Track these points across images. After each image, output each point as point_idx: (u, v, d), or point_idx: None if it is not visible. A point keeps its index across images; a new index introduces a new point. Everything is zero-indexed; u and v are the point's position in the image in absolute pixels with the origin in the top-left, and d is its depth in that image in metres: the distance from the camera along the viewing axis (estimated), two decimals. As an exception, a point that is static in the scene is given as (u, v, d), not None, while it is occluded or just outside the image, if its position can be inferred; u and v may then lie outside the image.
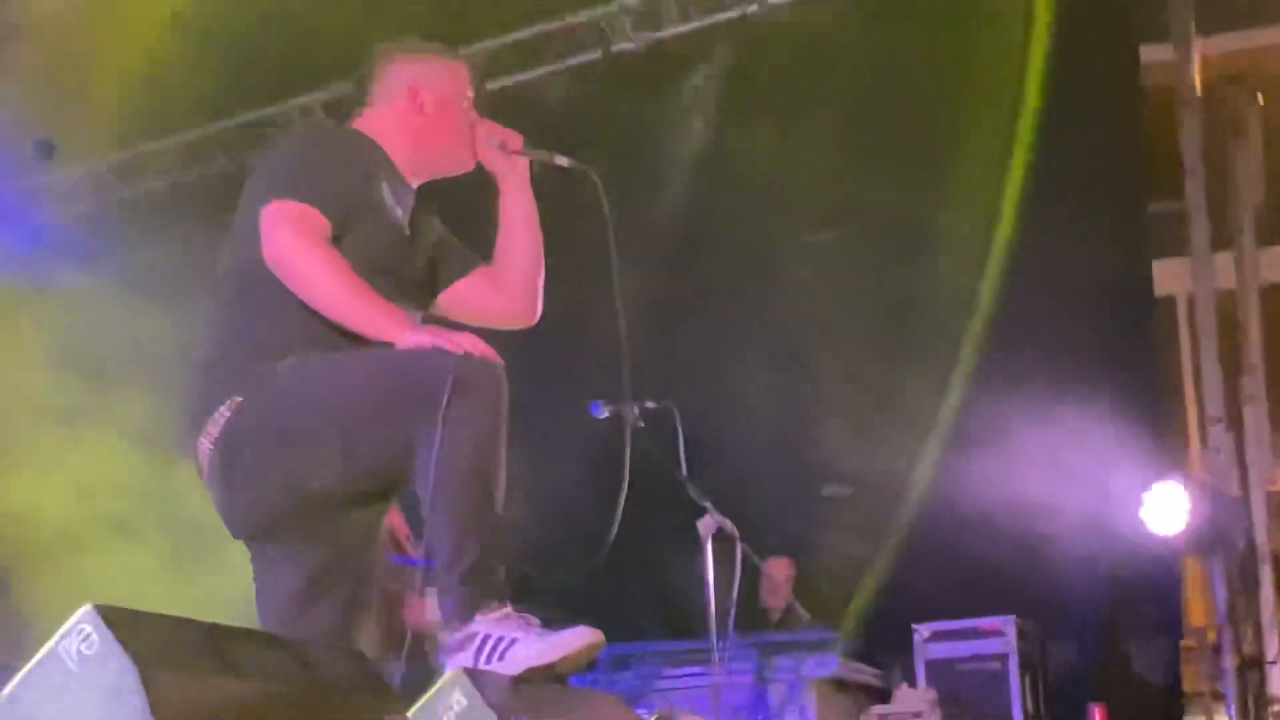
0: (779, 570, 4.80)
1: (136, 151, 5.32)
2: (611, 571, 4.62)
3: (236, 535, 2.58)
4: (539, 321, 2.74)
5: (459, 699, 2.23)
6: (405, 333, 2.37)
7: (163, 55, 4.62)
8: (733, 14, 4.69)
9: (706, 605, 4.18)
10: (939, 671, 4.68)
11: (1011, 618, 4.65)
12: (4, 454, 4.58)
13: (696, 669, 4.53)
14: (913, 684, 4.74)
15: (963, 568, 4.71)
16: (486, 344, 2.37)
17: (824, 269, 4.68)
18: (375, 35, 2.94)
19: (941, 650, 4.71)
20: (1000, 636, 4.67)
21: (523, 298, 2.80)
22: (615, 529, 2.65)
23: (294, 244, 2.42)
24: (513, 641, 2.28)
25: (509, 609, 2.33)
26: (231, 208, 2.74)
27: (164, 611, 1.72)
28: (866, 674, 4.77)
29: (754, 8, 4.69)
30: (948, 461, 4.78)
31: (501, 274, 2.77)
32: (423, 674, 2.39)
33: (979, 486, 4.64)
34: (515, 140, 2.67)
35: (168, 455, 4.93)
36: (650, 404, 4.23)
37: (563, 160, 2.66)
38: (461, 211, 2.72)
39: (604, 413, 4.44)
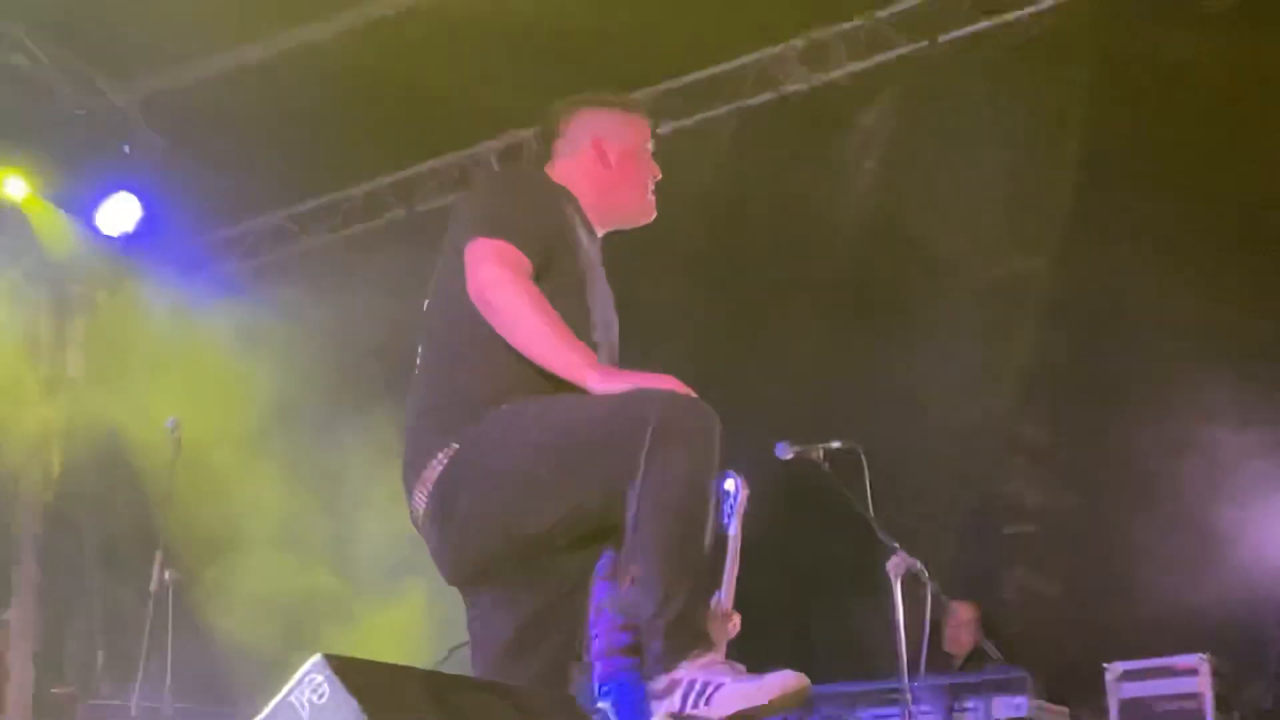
0: (965, 612, 4.80)
1: (318, 202, 5.54)
2: (798, 612, 4.58)
3: (451, 581, 2.59)
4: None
5: None
6: (596, 375, 2.37)
7: (340, 106, 4.84)
8: (903, 51, 4.67)
9: (896, 646, 4.15)
10: (1131, 711, 4.59)
11: (1205, 656, 4.54)
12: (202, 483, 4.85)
13: (886, 710, 4.52)
14: (1107, 722, 4.73)
15: (1153, 604, 4.64)
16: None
17: (1002, 307, 4.66)
18: (548, 82, 3.13)
19: (1133, 690, 4.60)
20: (1194, 675, 4.55)
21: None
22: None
23: (497, 278, 2.41)
24: (719, 686, 2.24)
25: (714, 655, 2.30)
26: (406, 254, 2.79)
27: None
28: (1058, 714, 4.71)
29: (925, 44, 4.69)
30: (1130, 494, 4.73)
31: None
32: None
33: (1164, 520, 4.59)
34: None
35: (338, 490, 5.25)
36: (836, 444, 4.33)
37: None
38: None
39: (789, 454, 4.52)
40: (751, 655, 2.32)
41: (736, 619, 3.66)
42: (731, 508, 3.55)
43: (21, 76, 4.80)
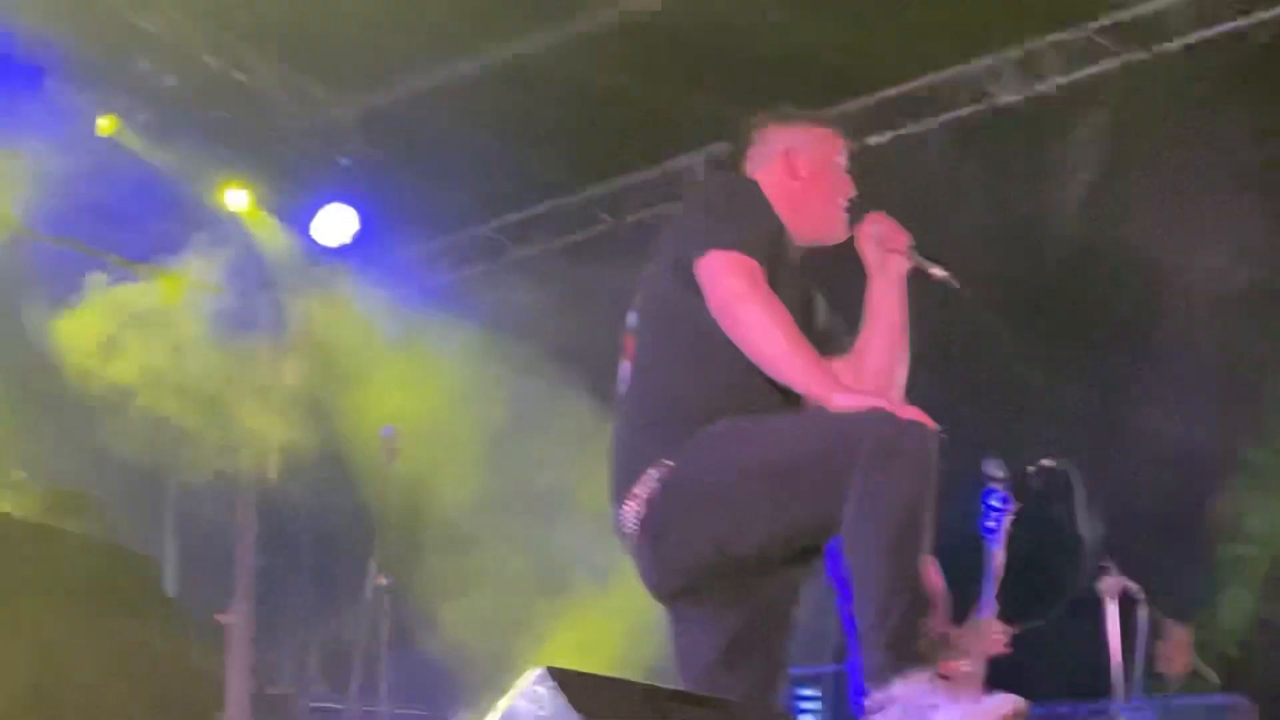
0: (1180, 634, 4.81)
1: (527, 214, 5.80)
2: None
3: (659, 598, 2.63)
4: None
5: None
6: (837, 393, 2.36)
7: (550, 118, 5.04)
8: (1119, 62, 4.66)
9: (1110, 668, 4.25)
10: None
11: None
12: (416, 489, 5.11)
13: None
14: (1329, 753, 4.73)
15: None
16: (919, 410, 2.33)
17: (1228, 323, 4.64)
18: (757, 94, 3.07)
19: None
20: None
21: (885, 382, 2.78)
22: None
23: (741, 293, 2.42)
24: (935, 707, 2.20)
25: (931, 673, 2.26)
26: (615, 266, 2.84)
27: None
28: None
29: (1142, 55, 4.66)
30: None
31: (860, 364, 2.79)
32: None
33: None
34: (900, 238, 2.67)
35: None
36: (1046, 462, 4.40)
37: (938, 271, 2.64)
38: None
39: (999, 472, 4.57)
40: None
41: (1002, 630, 3.76)
42: (998, 522, 3.64)
43: (243, 91, 5.10)
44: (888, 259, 2.71)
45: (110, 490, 4.86)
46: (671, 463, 2.48)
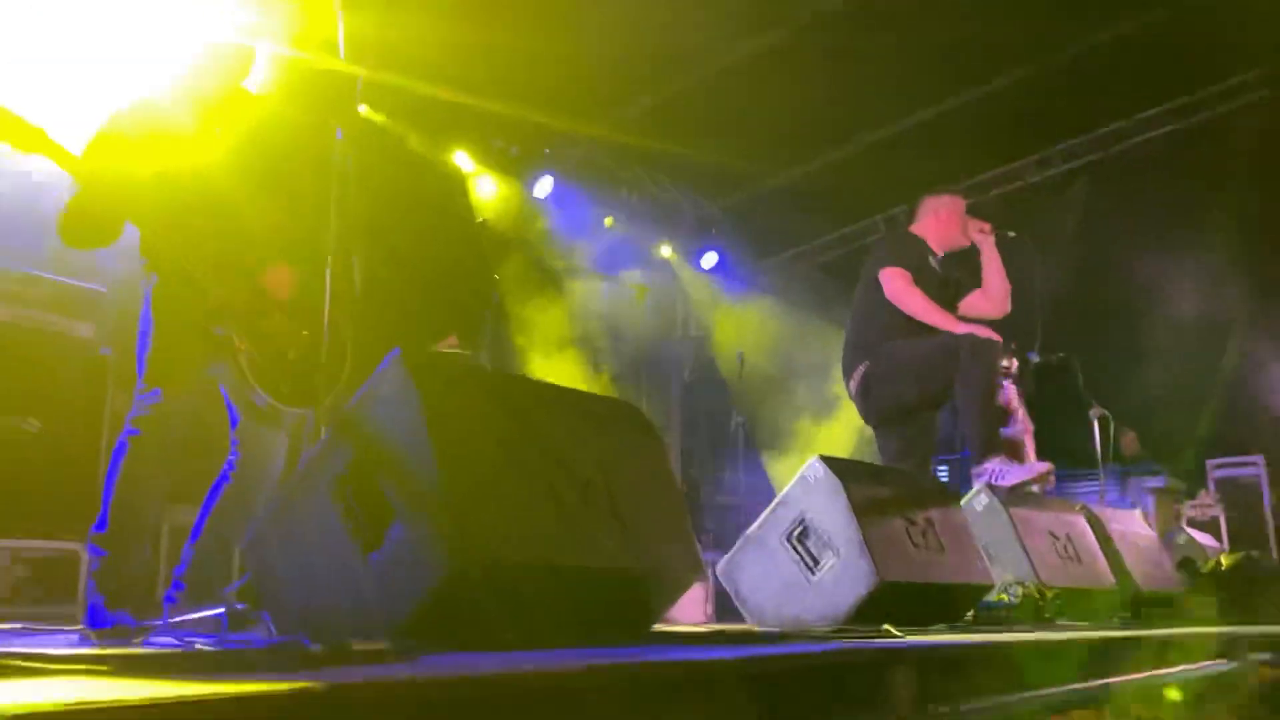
0: (1130, 437, 8.83)
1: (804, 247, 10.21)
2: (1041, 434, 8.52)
3: (869, 423, 4.74)
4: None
5: (982, 498, 4.26)
6: (953, 325, 4.35)
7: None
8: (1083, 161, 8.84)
9: (1094, 452, 7.46)
10: (1222, 486, 8.58)
11: (1260, 456, 8.37)
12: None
13: (1091, 484, 7.88)
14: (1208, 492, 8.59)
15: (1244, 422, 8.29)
16: (989, 329, 4.40)
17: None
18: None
19: (1224, 474, 8.60)
20: (1255, 466, 8.46)
21: (1000, 305, 4.85)
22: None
23: (900, 287, 4.52)
24: (1006, 471, 4.24)
25: (1002, 456, 4.32)
26: (847, 275, 6.78)
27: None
28: (1181, 485, 8.37)
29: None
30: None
31: (987, 293, 4.84)
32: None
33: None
34: (986, 225, 4.87)
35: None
36: (1062, 354, 7.62)
37: (1011, 233, 4.93)
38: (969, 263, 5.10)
39: (1036, 357, 8.13)
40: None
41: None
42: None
43: (646, 194, 9.60)
44: (984, 238, 4.80)
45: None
46: (868, 362, 4.56)
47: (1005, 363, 6.74)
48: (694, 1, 6.95)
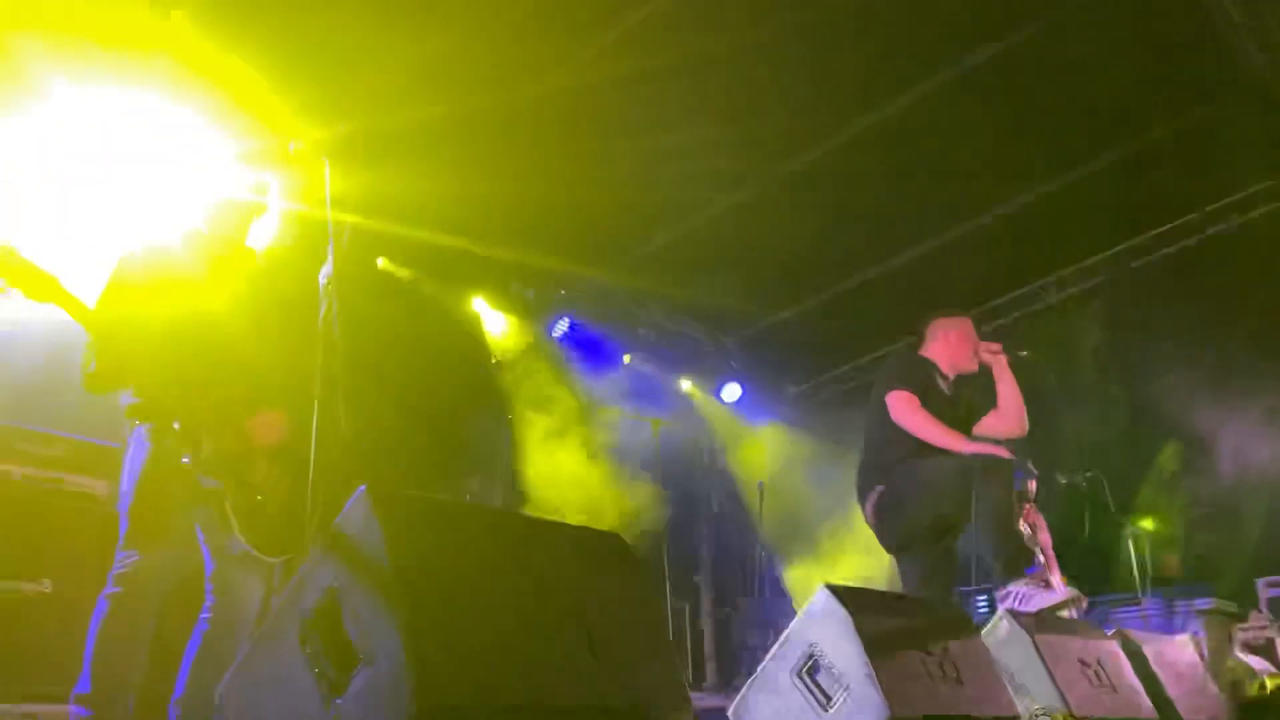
0: (1172, 559, 8.54)
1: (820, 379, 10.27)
2: (1075, 557, 8.21)
3: (887, 550, 4.65)
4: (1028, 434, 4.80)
5: (1004, 625, 3.99)
6: (964, 445, 4.34)
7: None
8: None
9: (1133, 574, 7.64)
10: (1276, 606, 8.20)
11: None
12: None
13: (1132, 610, 7.51)
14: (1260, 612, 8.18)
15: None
16: (1004, 449, 4.37)
17: None
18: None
19: (1276, 592, 8.22)
20: (1317, 582, 8.01)
21: (1016, 424, 4.83)
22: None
23: (905, 410, 4.51)
24: (1031, 595, 4.10)
25: (1025, 580, 4.18)
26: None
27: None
28: (1231, 606, 7.74)
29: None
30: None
31: (1003, 413, 4.83)
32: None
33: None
34: (996, 347, 4.85)
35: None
36: (1089, 473, 7.61)
37: (1022, 352, 4.89)
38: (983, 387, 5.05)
39: (1062, 479, 7.88)
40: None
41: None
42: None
43: (663, 331, 9.67)
44: (996, 359, 4.80)
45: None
46: (883, 486, 4.54)
47: (1030, 486, 6.79)
48: (700, 143, 7.06)
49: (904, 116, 7.04)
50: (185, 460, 3.01)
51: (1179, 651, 5.27)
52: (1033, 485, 5.96)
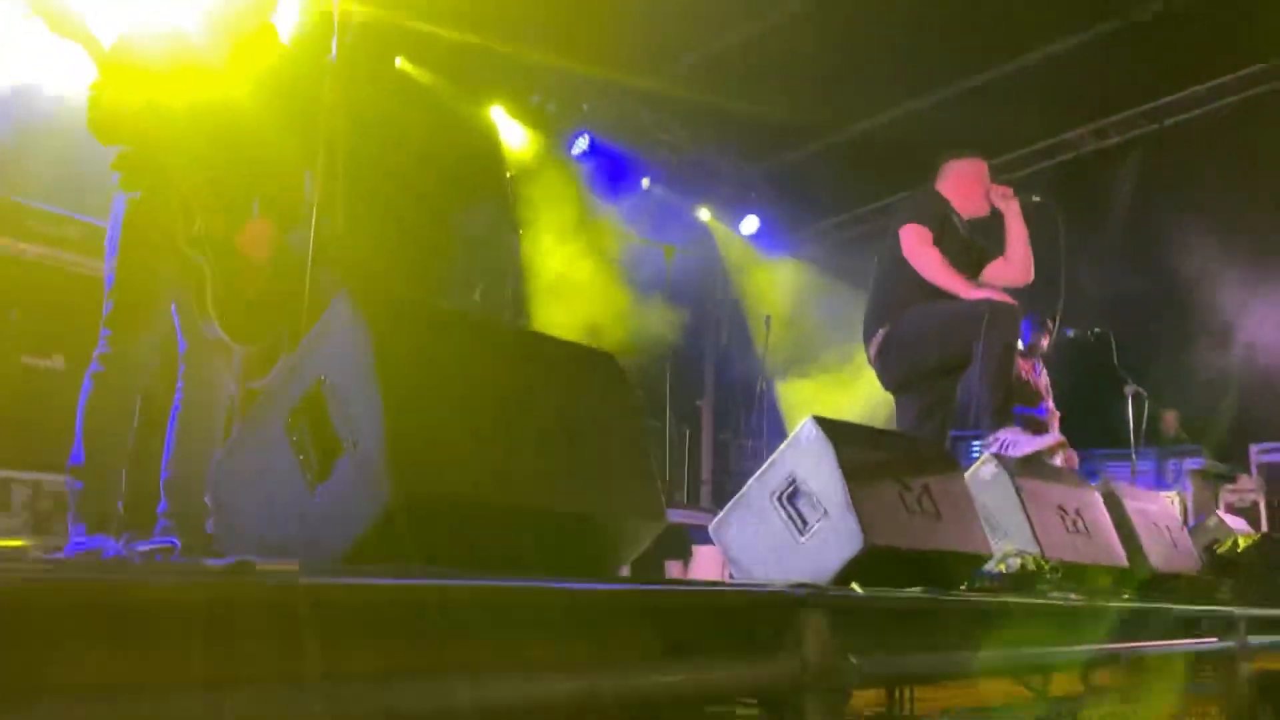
0: (1170, 416, 8.66)
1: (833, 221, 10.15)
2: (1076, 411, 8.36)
3: (887, 389, 4.65)
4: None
5: (988, 467, 4.06)
6: (969, 290, 4.30)
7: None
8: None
9: (1128, 431, 7.54)
10: (1265, 470, 8.36)
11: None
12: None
13: (1123, 465, 7.75)
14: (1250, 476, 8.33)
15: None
16: (1009, 296, 4.33)
17: None
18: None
19: (1267, 458, 8.37)
20: (1304, 447, 8.13)
21: (1023, 272, 4.76)
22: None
23: (917, 245, 4.44)
24: (1017, 441, 4.09)
25: (1015, 427, 4.17)
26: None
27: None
28: (1221, 468, 8.19)
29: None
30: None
31: (1011, 258, 4.76)
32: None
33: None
34: (1008, 191, 4.76)
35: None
36: (1097, 329, 7.58)
37: (1035, 197, 4.77)
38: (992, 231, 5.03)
39: (1070, 332, 7.67)
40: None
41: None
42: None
43: (684, 156, 9.55)
44: (1008, 203, 4.69)
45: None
46: (888, 326, 4.53)
47: (1043, 340, 6.78)
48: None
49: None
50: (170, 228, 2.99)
51: (1160, 506, 5.41)
52: (1045, 340, 6.36)
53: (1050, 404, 6.91)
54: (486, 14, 7.02)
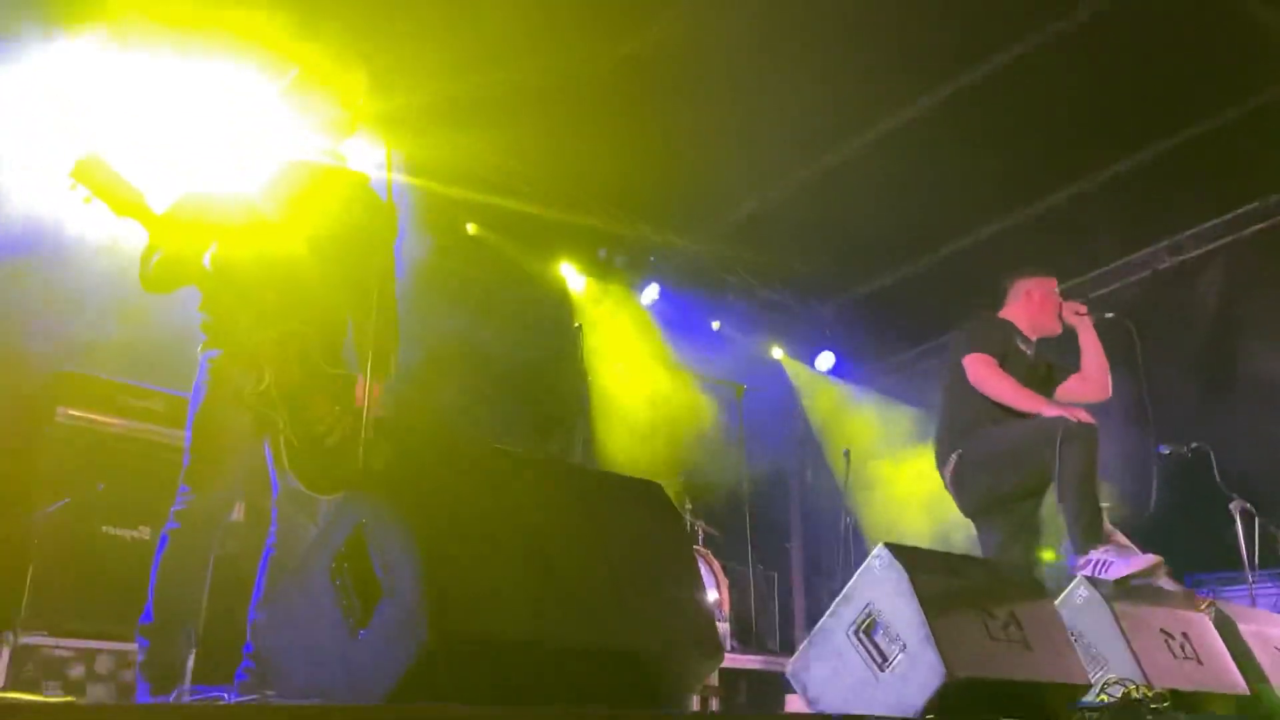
0: None
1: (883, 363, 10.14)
2: (1173, 533, 7.68)
3: (966, 515, 4.56)
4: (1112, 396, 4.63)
5: (1081, 591, 3.85)
6: (1044, 408, 4.23)
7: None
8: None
9: (1239, 550, 6.87)
10: None
11: None
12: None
13: (1238, 588, 7.07)
14: (1375, 592, 7.73)
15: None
16: (1087, 413, 4.19)
17: None
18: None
19: None
20: None
21: (1100, 389, 4.70)
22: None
23: (984, 373, 4.43)
24: (1111, 563, 3.96)
25: (1109, 546, 4.03)
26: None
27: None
28: None
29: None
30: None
31: (1087, 375, 4.71)
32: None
33: None
34: (1081, 308, 4.72)
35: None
36: (1195, 444, 7.10)
37: (1109, 314, 4.73)
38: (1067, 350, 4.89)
39: (1166, 450, 7.21)
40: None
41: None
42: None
43: (754, 298, 9.54)
44: (1081, 320, 4.70)
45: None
46: (961, 450, 4.47)
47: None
48: (788, 108, 6.96)
49: (1000, 76, 6.84)
50: (242, 385, 3.08)
51: (1277, 627, 5.06)
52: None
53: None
54: (548, 182, 7.30)
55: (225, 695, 2.60)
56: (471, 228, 7.24)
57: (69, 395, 4.72)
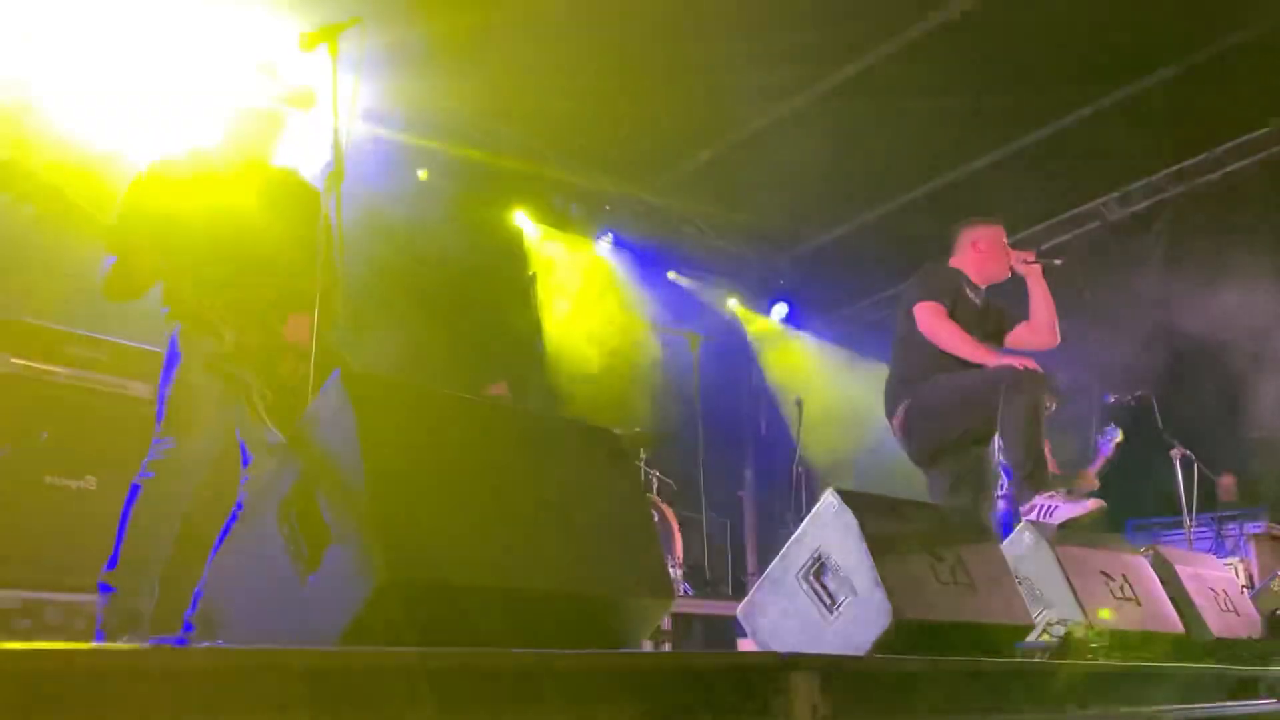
0: (1227, 481, 8.37)
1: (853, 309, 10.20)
2: (1124, 479, 7.97)
3: (915, 463, 4.55)
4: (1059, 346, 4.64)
5: (1025, 535, 3.90)
6: (991, 358, 4.26)
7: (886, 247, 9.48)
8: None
9: (1178, 496, 7.34)
10: None
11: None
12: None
13: (1177, 533, 7.65)
14: (1312, 535, 7.94)
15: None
16: (1034, 362, 4.22)
17: None
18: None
19: None
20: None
21: (1048, 337, 4.66)
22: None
23: (933, 322, 4.42)
24: (1056, 507, 3.98)
25: (1052, 493, 4.03)
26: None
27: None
28: None
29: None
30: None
31: (1036, 324, 4.68)
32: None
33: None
34: (1030, 256, 4.67)
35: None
36: (1139, 393, 7.48)
37: (1057, 260, 4.67)
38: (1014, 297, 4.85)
39: (1110, 398, 7.58)
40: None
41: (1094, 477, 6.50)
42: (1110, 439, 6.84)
43: (709, 248, 9.53)
44: (1030, 269, 4.66)
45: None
46: (909, 400, 4.48)
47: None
48: (744, 57, 6.91)
49: (955, 26, 6.83)
50: (208, 350, 3.07)
51: (1215, 570, 5.21)
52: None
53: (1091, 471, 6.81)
54: (502, 130, 7.20)
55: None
56: (422, 174, 7.14)
57: (12, 343, 4.61)
